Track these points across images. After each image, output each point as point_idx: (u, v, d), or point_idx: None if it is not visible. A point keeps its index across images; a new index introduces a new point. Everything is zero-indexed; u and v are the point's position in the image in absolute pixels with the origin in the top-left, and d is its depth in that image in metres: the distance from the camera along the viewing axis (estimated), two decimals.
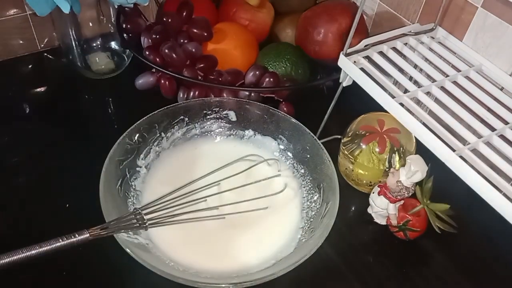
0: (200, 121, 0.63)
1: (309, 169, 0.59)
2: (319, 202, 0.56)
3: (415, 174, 0.51)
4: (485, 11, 0.56)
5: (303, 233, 0.54)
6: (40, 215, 0.56)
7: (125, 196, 0.55)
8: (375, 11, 0.74)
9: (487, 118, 0.51)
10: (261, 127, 0.63)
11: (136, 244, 0.49)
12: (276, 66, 0.70)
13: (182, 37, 0.68)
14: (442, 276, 0.55)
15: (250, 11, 0.76)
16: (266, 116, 0.62)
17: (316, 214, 0.55)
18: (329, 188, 0.54)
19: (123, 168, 0.56)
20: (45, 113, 0.70)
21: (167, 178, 0.59)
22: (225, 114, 0.63)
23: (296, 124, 0.60)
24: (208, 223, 0.54)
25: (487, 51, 0.57)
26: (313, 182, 0.58)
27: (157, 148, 0.60)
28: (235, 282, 0.46)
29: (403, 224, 0.55)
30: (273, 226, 0.56)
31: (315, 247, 0.47)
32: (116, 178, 0.54)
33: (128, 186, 0.56)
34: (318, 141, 0.58)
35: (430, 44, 0.60)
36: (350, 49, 0.57)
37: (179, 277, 0.45)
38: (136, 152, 0.58)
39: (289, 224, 0.56)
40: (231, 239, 0.54)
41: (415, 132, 0.52)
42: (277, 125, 0.62)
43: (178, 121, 0.62)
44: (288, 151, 0.62)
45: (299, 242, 0.53)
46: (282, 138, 0.62)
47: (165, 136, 0.61)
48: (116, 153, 0.54)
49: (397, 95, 0.53)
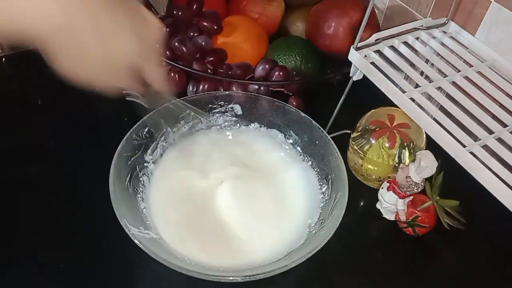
0: (206, 115, 0.63)
1: (317, 161, 0.59)
2: (327, 194, 0.55)
3: (425, 170, 0.51)
4: (498, 5, 0.56)
5: (314, 225, 0.54)
6: (49, 210, 0.57)
7: (134, 192, 0.55)
8: (386, 5, 0.73)
9: (498, 114, 0.50)
10: (267, 120, 0.63)
11: (148, 239, 0.49)
12: (286, 59, 0.70)
13: (192, 30, 0.68)
14: (450, 272, 0.55)
15: (260, 4, 0.76)
16: (272, 109, 0.62)
17: (325, 205, 0.55)
18: (337, 179, 0.54)
19: (132, 163, 0.56)
20: (54, 106, 0.70)
21: (173, 172, 0.59)
22: (231, 107, 0.63)
23: (302, 117, 0.60)
24: (216, 216, 0.54)
25: (499, 46, 0.57)
26: (321, 174, 0.58)
27: (163, 143, 0.61)
28: (247, 275, 0.45)
29: (412, 220, 0.55)
30: (282, 218, 0.56)
31: (326, 238, 0.47)
32: (125, 174, 0.54)
33: (137, 181, 0.56)
34: (325, 132, 0.58)
35: (442, 38, 0.59)
36: (360, 43, 0.56)
37: (192, 271, 0.45)
38: (143, 147, 0.58)
39: (299, 216, 0.56)
40: (239, 232, 0.54)
41: (425, 127, 0.51)
42: (284, 118, 0.62)
43: (184, 116, 0.62)
44: (296, 144, 0.62)
45: (309, 234, 0.53)
46: (290, 131, 0.62)
47: (171, 131, 0.61)
48: (124, 149, 0.55)
49: (408, 90, 0.52)
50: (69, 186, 0.59)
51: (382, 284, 0.53)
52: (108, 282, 0.51)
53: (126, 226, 0.47)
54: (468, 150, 0.46)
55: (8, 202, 0.57)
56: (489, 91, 0.53)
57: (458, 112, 0.50)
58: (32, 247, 0.53)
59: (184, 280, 0.49)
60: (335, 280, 0.54)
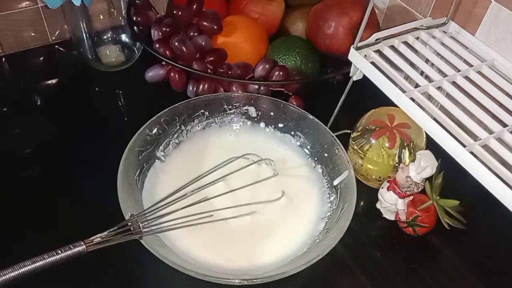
0: (220, 116, 0.63)
1: (328, 169, 0.59)
2: (335, 203, 0.55)
3: (425, 170, 0.51)
4: (498, 5, 0.55)
5: (318, 234, 0.53)
6: (53, 207, 0.57)
7: (142, 187, 0.55)
8: (386, 4, 0.73)
9: (498, 114, 0.50)
10: (280, 124, 0.63)
11: (152, 236, 0.49)
12: (286, 59, 0.70)
13: (192, 30, 0.68)
14: (450, 272, 0.55)
15: (260, 4, 0.76)
16: (287, 113, 0.62)
17: (332, 214, 0.54)
18: (346, 189, 0.54)
19: (142, 158, 0.56)
20: (55, 105, 0.70)
21: (181, 171, 0.59)
22: (246, 109, 0.63)
23: (316, 122, 0.60)
24: (222, 217, 0.54)
25: (500, 46, 0.57)
26: (330, 182, 0.58)
27: (176, 140, 0.61)
28: (246, 278, 0.45)
29: (412, 219, 0.55)
30: (289, 225, 0.55)
31: (328, 248, 0.47)
32: (135, 168, 0.55)
33: (146, 176, 0.56)
34: (337, 140, 0.58)
35: (442, 38, 0.59)
36: (360, 43, 0.56)
37: (191, 270, 0.45)
38: (155, 143, 0.58)
39: (305, 224, 0.55)
40: (245, 235, 0.54)
41: (425, 127, 0.51)
42: (298, 123, 0.62)
43: (198, 115, 0.62)
44: (308, 151, 0.62)
45: (312, 243, 0.52)
46: (300, 134, 0.62)
47: (185, 129, 0.61)
48: (136, 143, 0.55)
49: (408, 90, 0.52)
50: (69, 186, 0.59)
51: (382, 284, 0.53)
52: (109, 281, 0.51)
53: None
54: (468, 150, 0.46)
55: (8, 202, 0.57)
56: (489, 90, 0.53)
57: (458, 112, 0.50)
58: (31, 247, 0.53)
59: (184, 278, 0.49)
60: (335, 280, 0.53)
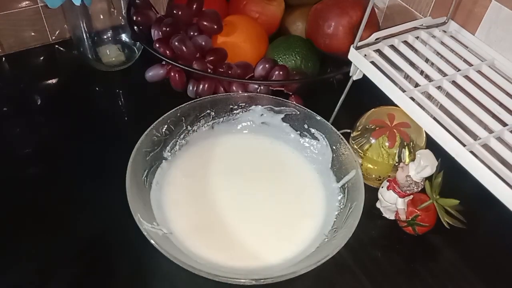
0: (226, 116, 0.63)
1: (335, 169, 0.59)
2: (343, 202, 0.55)
3: (425, 169, 0.51)
4: (498, 4, 0.55)
5: (327, 233, 0.53)
6: (53, 207, 0.57)
7: (150, 187, 0.55)
8: (386, 4, 0.73)
9: (498, 113, 0.50)
10: (288, 125, 0.63)
11: (161, 236, 0.49)
12: (286, 59, 0.70)
13: (192, 30, 0.68)
14: (450, 271, 0.55)
15: (260, 3, 0.76)
16: (294, 114, 0.62)
17: (340, 214, 0.54)
18: (354, 188, 0.54)
19: (150, 159, 0.56)
20: (55, 105, 0.70)
21: (188, 171, 0.59)
22: (252, 110, 0.63)
23: (323, 122, 0.60)
24: (230, 217, 0.54)
25: (500, 45, 0.57)
26: (337, 182, 0.58)
27: (182, 141, 0.61)
28: (256, 278, 0.45)
29: (412, 219, 0.55)
30: (297, 224, 0.55)
31: (337, 247, 0.47)
32: (143, 169, 0.55)
33: (153, 177, 0.56)
34: (344, 139, 0.57)
35: (442, 38, 0.59)
36: (360, 42, 0.56)
37: (201, 270, 0.45)
38: (162, 144, 0.58)
39: (314, 223, 0.55)
40: (252, 235, 0.54)
41: (425, 127, 0.51)
42: (304, 123, 0.62)
43: (205, 115, 0.62)
44: (316, 150, 0.62)
45: (322, 242, 0.52)
46: (310, 136, 0.62)
47: (191, 130, 0.61)
48: (144, 144, 0.55)
49: (408, 89, 0.52)
50: (69, 186, 0.59)
51: (382, 283, 0.53)
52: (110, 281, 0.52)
53: (139, 222, 0.47)
54: (468, 149, 0.46)
55: (8, 202, 0.57)
56: (489, 90, 0.53)
57: (458, 111, 0.50)
58: (32, 248, 0.53)
59: (184, 278, 0.49)
60: (335, 279, 0.53)
